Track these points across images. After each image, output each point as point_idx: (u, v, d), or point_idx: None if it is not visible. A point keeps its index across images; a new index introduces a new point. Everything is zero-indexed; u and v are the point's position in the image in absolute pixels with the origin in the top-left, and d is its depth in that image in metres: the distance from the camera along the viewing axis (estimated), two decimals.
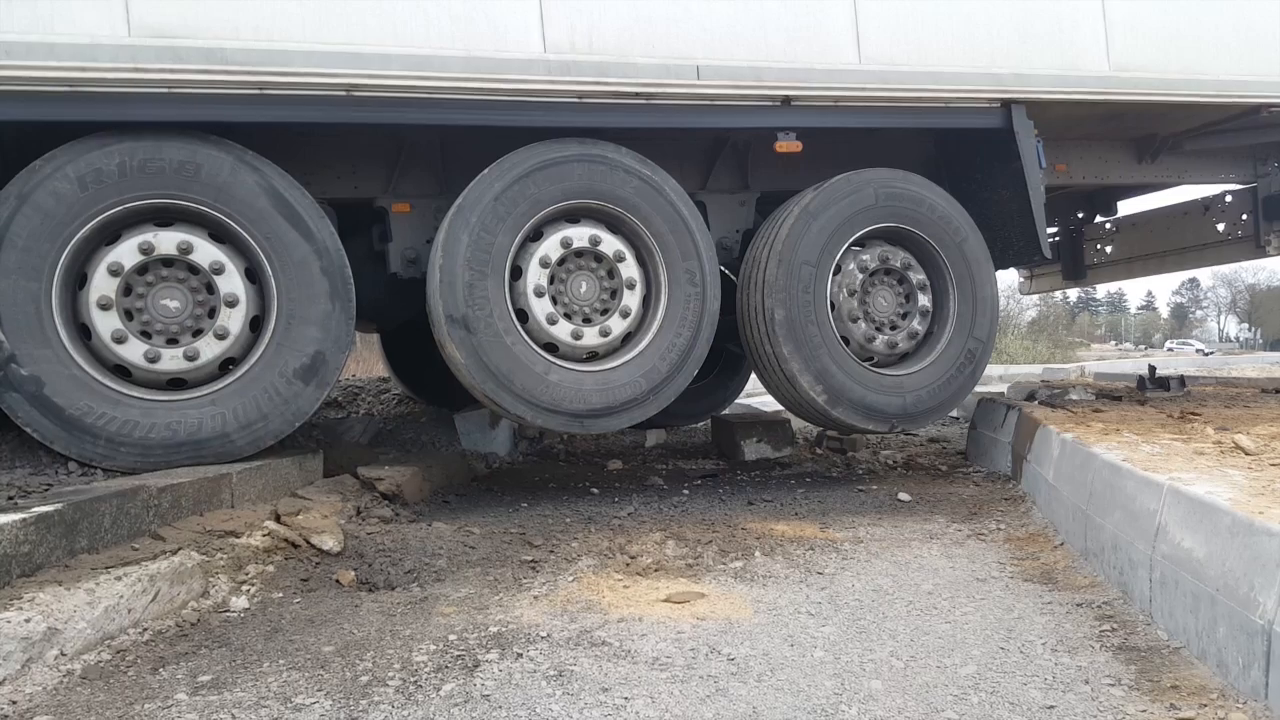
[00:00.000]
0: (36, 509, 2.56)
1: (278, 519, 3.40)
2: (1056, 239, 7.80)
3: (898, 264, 4.75)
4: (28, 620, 2.14)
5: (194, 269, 3.79)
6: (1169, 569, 2.27)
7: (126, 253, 3.68)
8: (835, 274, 4.61)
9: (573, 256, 4.29)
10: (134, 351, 3.70)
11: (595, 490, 4.71)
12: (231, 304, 3.81)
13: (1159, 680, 2.03)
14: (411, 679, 2.15)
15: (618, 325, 4.33)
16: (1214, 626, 2.01)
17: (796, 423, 5.99)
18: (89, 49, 3.51)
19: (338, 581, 2.98)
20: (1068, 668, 2.14)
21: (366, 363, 10.50)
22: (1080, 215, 7.64)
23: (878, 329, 4.74)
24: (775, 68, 4.35)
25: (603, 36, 4.12)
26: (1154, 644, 2.24)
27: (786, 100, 4.44)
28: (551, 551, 3.37)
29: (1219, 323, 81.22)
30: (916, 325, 4.79)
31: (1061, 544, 3.25)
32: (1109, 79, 4.87)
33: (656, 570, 3.11)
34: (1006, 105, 4.74)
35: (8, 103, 3.49)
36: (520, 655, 2.29)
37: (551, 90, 4.09)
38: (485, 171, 4.10)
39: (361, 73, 3.82)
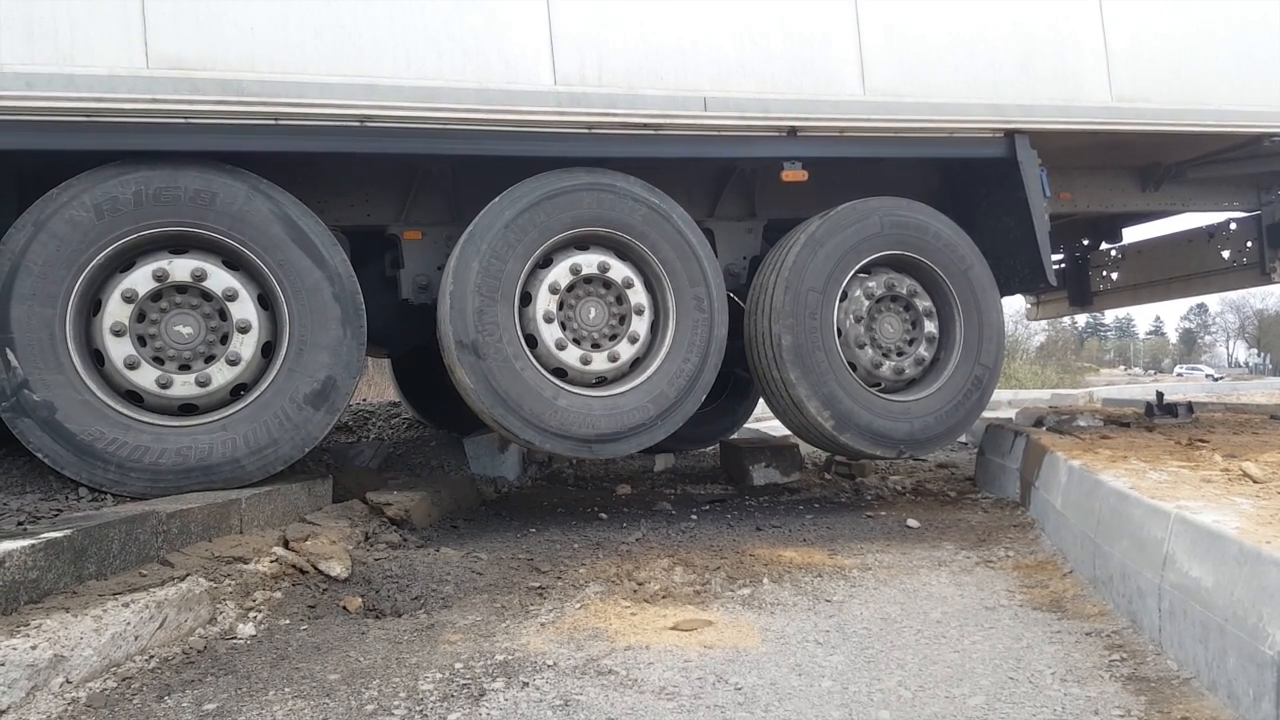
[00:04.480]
0: (45, 535, 2.57)
1: (286, 545, 3.41)
2: (1062, 266, 7.81)
3: (904, 291, 4.77)
4: (34, 647, 2.14)
5: (207, 295, 3.83)
6: (1177, 598, 2.26)
7: (141, 279, 3.73)
8: (842, 300, 4.63)
9: (582, 283, 4.33)
10: (146, 377, 3.74)
11: (603, 515, 4.71)
12: (244, 330, 3.85)
13: (1169, 712, 2.01)
14: (417, 708, 2.15)
15: (626, 351, 4.36)
16: (1224, 657, 2.00)
17: (805, 448, 5.98)
18: (108, 80, 3.59)
19: (345, 608, 2.98)
20: (1077, 698, 2.12)
21: (378, 386, 10.55)
22: (1086, 242, 7.68)
23: (884, 355, 4.75)
24: (781, 99, 4.42)
25: (612, 69, 4.19)
26: (1164, 674, 2.22)
27: (792, 131, 4.49)
28: (559, 578, 3.37)
29: (1228, 348, 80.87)
30: (923, 351, 4.80)
31: (1070, 572, 3.23)
32: (1111, 109, 4.91)
33: (664, 597, 3.10)
34: (1010, 135, 4.78)
35: (28, 132, 3.56)
36: (526, 684, 2.29)
37: (561, 121, 4.16)
38: (496, 200, 4.16)
39: (375, 104, 3.89)
